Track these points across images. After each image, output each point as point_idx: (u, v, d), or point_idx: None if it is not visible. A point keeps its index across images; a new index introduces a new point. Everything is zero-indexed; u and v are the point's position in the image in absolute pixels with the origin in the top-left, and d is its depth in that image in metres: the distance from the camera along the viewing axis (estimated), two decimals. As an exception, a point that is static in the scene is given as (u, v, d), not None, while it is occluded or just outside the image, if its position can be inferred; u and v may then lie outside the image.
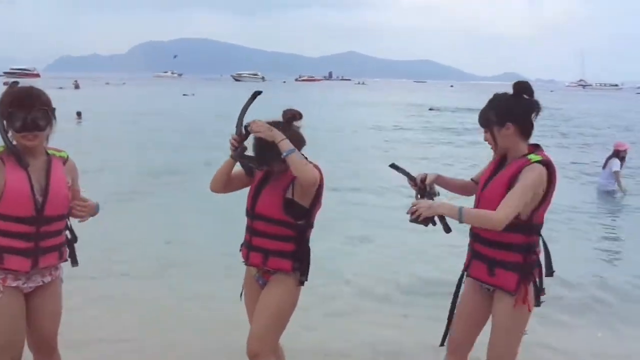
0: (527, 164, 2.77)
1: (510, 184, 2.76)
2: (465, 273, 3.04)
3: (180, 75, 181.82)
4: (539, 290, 2.84)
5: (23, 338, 2.83)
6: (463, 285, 3.09)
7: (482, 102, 3.04)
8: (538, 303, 2.85)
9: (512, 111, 2.83)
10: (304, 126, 3.06)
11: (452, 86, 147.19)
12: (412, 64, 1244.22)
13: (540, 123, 2.98)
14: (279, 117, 3.03)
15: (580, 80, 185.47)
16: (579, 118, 34.59)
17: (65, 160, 2.91)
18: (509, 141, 2.85)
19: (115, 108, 33.35)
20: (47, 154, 2.85)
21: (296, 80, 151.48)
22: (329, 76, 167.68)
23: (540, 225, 2.86)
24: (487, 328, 2.98)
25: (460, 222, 2.74)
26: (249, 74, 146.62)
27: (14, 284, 2.75)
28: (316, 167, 2.95)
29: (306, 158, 2.90)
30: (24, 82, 2.93)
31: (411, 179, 3.08)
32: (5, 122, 2.70)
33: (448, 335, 3.12)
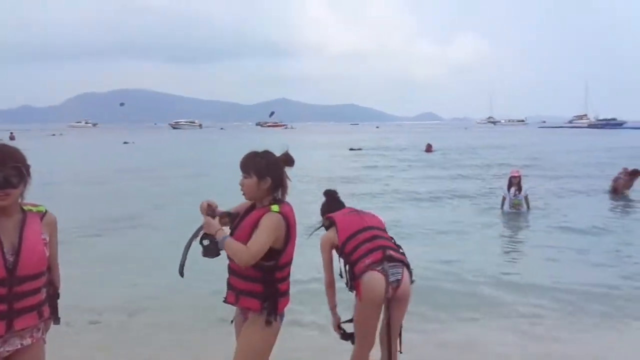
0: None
1: None
2: None
3: (94, 124, 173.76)
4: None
5: None
6: None
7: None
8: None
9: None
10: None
11: (377, 127, 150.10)
12: (337, 108, 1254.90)
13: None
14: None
15: (490, 117, 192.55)
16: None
17: (42, 215, 2.62)
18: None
19: (57, 159, 31.34)
20: (23, 210, 2.57)
21: (258, 124, 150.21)
22: (270, 116, 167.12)
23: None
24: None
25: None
26: (186, 122, 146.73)
27: None
28: (287, 206, 2.98)
29: (281, 200, 3.01)
30: None
31: None
32: None
33: None
